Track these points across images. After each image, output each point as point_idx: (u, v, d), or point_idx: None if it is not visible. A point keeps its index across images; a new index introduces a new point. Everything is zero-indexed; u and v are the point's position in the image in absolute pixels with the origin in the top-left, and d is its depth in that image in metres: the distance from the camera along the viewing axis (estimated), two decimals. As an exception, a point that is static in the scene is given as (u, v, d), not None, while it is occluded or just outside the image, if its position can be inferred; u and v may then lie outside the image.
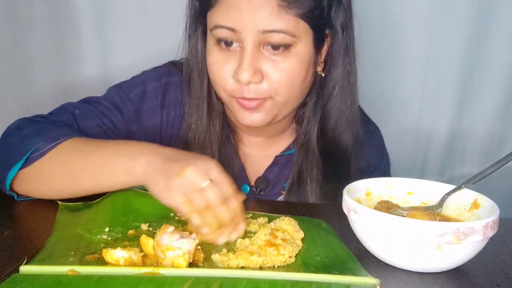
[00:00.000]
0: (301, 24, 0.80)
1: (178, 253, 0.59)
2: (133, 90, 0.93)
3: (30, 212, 0.78)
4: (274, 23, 0.77)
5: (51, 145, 0.78)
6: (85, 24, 1.34)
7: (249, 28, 0.78)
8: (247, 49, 0.79)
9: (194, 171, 0.67)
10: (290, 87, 0.83)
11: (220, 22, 0.80)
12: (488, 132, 1.44)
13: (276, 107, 0.85)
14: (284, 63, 0.81)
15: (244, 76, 0.79)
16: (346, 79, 0.89)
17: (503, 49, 1.36)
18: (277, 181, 0.98)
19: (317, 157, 0.93)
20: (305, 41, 0.82)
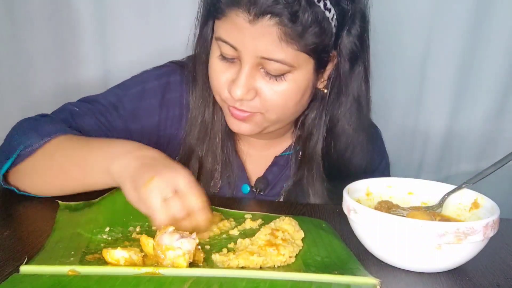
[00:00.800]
0: (301, 56, 0.79)
1: (178, 253, 0.59)
2: (132, 89, 0.93)
3: (30, 212, 0.78)
4: (274, 53, 0.77)
5: (44, 141, 0.79)
6: (86, 25, 1.34)
7: (249, 51, 0.77)
8: (244, 68, 0.79)
9: (160, 182, 0.65)
10: (282, 108, 0.83)
11: (223, 37, 0.80)
12: (484, 131, 1.45)
13: (266, 122, 0.85)
14: (279, 86, 0.80)
15: (237, 93, 0.80)
16: (356, 104, 0.88)
17: (499, 49, 1.37)
18: (277, 182, 0.98)
19: (317, 158, 0.92)
20: (304, 69, 0.81)
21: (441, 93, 1.42)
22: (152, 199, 0.65)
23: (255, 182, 0.98)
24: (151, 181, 0.65)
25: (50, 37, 1.35)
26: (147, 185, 0.65)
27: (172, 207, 0.65)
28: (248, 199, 0.96)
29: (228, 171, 0.95)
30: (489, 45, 1.37)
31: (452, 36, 1.36)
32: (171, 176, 0.67)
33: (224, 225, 0.73)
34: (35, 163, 0.79)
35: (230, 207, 0.82)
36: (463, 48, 1.37)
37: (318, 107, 0.90)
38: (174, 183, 0.66)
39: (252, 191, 0.97)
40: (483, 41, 1.36)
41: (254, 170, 0.99)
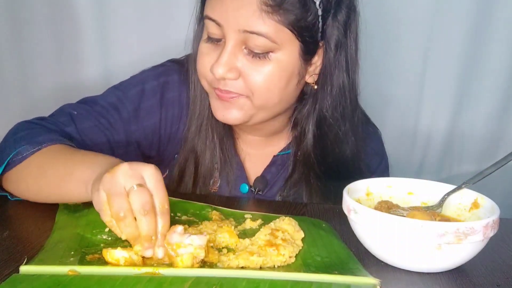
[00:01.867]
0: (285, 32, 0.78)
1: (190, 250, 0.59)
2: (132, 89, 0.93)
3: (30, 212, 0.78)
4: (255, 25, 0.77)
5: (34, 149, 0.79)
6: (86, 24, 1.34)
7: (231, 25, 0.78)
8: (227, 45, 0.79)
9: (127, 169, 0.60)
10: (267, 92, 0.82)
11: (208, 13, 0.81)
12: (485, 131, 1.44)
13: (252, 108, 0.84)
14: (263, 66, 0.80)
15: (218, 71, 0.79)
16: (347, 91, 0.87)
17: (501, 49, 1.37)
18: (275, 181, 0.98)
19: (315, 158, 0.92)
20: (288, 50, 0.80)
21: (442, 93, 1.42)
22: (113, 185, 0.59)
23: (253, 182, 0.98)
24: (117, 167, 0.60)
25: (51, 37, 1.35)
26: (111, 171, 0.60)
27: (133, 199, 0.59)
28: (248, 199, 0.96)
29: (227, 170, 0.95)
30: (491, 45, 1.36)
31: (454, 35, 1.36)
32: (139, 166, 0.61)
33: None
34: (22, 170, 0.79)
35: (230, 207, 0.82)
36: (464, 48, 1.37)
37: (309, 103, 0.90)
38: (140, 175, 0.61)
39: (250, 191, 0.97)
40: (485, 40, 1.36)
41: (252, 169, 0.99)
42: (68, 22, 1.33)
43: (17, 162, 0.79)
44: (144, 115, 0.92)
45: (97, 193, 0.61)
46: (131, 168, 0.61)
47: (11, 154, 0.79)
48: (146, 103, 0.93)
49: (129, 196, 0.59)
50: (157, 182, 0.61)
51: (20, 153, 0.79)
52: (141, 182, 0.60)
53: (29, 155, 0.79)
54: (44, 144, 0.79)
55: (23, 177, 0.79)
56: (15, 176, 0.80)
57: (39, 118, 0.88)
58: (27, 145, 0.79)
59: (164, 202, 0.61)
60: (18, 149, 0.79)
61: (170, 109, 0.94)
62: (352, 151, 0.93)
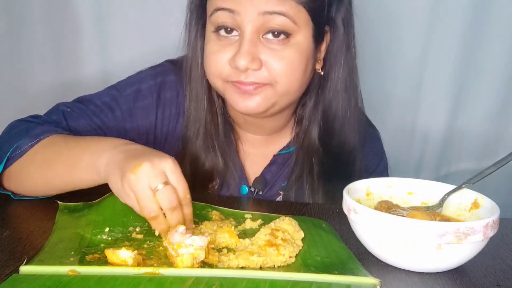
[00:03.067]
0: (302, 13, 0.80)
1: (190, 250, 0.59)
2: (128, 89, 0.93)
3: (30, 212, 0.78)
4: (276, 5, 0.77)
5: (33, 142, 0.79)
6: (84, 23, 1.34)
7: (249, 10, 0.77)
8: (246, 34, 0.79)
9: (149, 169, 0.63)
10: (290, 77, 0.82)
11: (220, 4, 0.79)
12: (484, 129, 1.45)
13: (275, 96, 0.83)
14: (284, 52, 0.80)
15: (241, 62, 0.78)
16: (348, 76, 0.89)
17: (499, 47, 1.37)
18: (275, 181, 0.98)
19: (317, 156, 0.92)
20: (304, 32, 0.81)
21: (441, 91, 1.42)
22: (139, 186, 0.62)
23: (253, 182, 0.98)
24: (139, 167, 0.63)
25: (49, 36, 1.35)
26: (134, 171, 0.63)
27: (161, 198, 0.63)
28: (248, 199, 0.96)
29: (228, 174, 0.94)
30: (490, 43, 1.36)
31: (452, 34, 1.36)
32: (159, 164, 0.64)
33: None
34: (25, 164, 0.79)
35: (230, 207, 0.82)
36: (463, 46, 1.37)
37: (314, 94, 0.91)
38: (162, 171, 0.64)
39: (250, 192, 0.97)
40: (483, 38, 1.36)
41: (252, 169, 0.99)
42: (66, 21, 1.33)
43: (17, 157, 0.79)
44: (139, 114, 0.92)
45: (123, 193, 0.65)
46: (153, 167, 0.63)
47: (10, 150, 0.79)
48: (141, 103, 0.93)
49: (156, 195, 0.63)
50: (178, 176, 0.65)
51: (19, 147, 0.79)
52: (164, 179, 0.64)
53: (29, 148, 0.79)
54: (42, 136, 0.79)
55: (26, 171, 0.79)
56: (17, 171, 0.80)
57: (32, 116, 0.88)
58: (25, 139, 0.79)
59: (186, 192, 0.66)
60: (16, 144, 0.79)
61: (167, 108, 0.94)
62: (355, 141, 0.93)
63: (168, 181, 0.64)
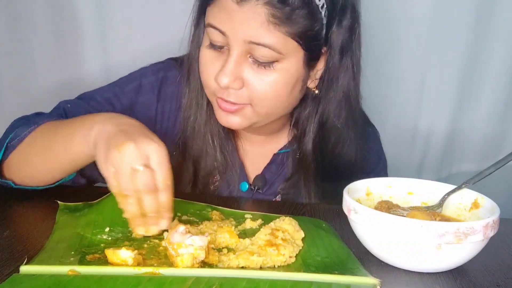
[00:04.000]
0: (290, 42, 0.78)
1: (190, 250, 0.59)
2: (129, 85, 0.93)
3: (30, 212, 0.78)
4: (262, 37, 0.76)
5: (30, 128, 0.80)
6: (86, 22, 1.34)
7: (237, 35, 0.77)
8: (232, 55, 0.79)
9: (133, 149, 0.62)
10: (270, 100, 0.82)
11: (212, 22, 0.80)
12: (486, 131, 1.44)
13: (255, 116, 0.84)
14: (267, 77, 0.80)
15: (222, 81, 0.79)
16: (345, 99, 0.88)
17: (502, 48, 1.36)
18: (274, 180, 0.98)
19: (315, 157, 0.92)
20: (293, 59, 0.80)
21: (443, 93, 1.41)
22: (120, 164, 0.62)
23: (253, 180, 0.98)
24: (125, 145, 0.62)
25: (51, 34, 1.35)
26: (119, 147, 0.62)
27: (139, 179, 0.62)
28: (248, 199, 0.96)
29: (228, 171, 0.95)
30: (492, 45, 1.36)
31: (454, 35, 1.35)
32: (145, 145, 0.64)
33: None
34: (23, 151, 0.80)
35: (230, 207, 0.82)
36: (465, 48, 1.36)
37: (310, 105, 0.90)
38: (146, 154, 0.63)
39: (250, 189, 0.97)
40: (485, 40, 1.36)
41: (252, 168, 0.99)
42: (68, 20, 1.33)
43: (15, 144, 0.80)
44: (140, 109, 0.93)
45: (105, 166, 0.64)
46: (137, 147, 0.63)
47: (7, 139, 0.80)
48: (142, 98, 0.93)
49: (136, 176, 0.62)
50: (160, 160, 0.64)
51: (17, 135, 0.80)
52: (146, 162, 0.63)
53: (27, 134, 0.79)
54: (40, 122, 0.80)
55: (25, 157, 0.80)
56: (17, 159, 0.80)
57: (36, 113, 0.89)
58: (23, 127, 0.80)
59: (166, 179, 0.64)
60: (15, 132, 0.80)
61: (168, 103, 0.94)
62: (353, 154, 0.93)
63: (149, 164, 0.63)
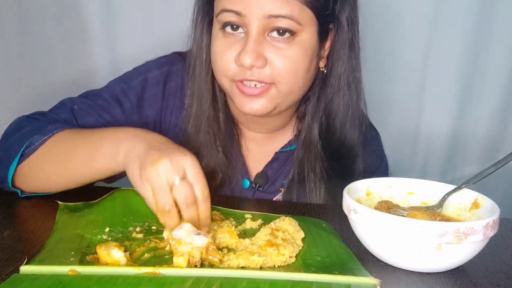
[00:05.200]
0: (307, 12, 0.80)
1: (188, 249, 0.59)
2: (135, 80, 0.93)
3: (30, 212, 0.78)
4: (280, 9, 0.78)
5: (45, 137, 0.79)
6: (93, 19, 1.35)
7: (255, 12, 0.78)
8: (251, 33, 0.79)
9: (169, 164, 0.65)
10: (293, 76, 0.83)
11: (226, 6, 0.80)
12: (489, 132, 1.43)
13: (280, 96, 0.84)
14: (288, 51, 0.81)
15: (246, 60, 0.79)
16: (351, 74, 0.89)
17: (502, 49, 1.36)
18: (276, 178, 0.98)
19: (319, 154, 0.92)
20: (309, 31, 0.82)
21: (444, 94, 1.41)
22: (158, 179, 0.64)
23: (254, 177, 0.98)
24: (160, 161, 0.64)
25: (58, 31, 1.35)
26: (155, 164, 0.64)
27: (177, 193, 0.64)
28: (248, 199, 0.96)
29: (230, 169, 0.95)
30: (493, 45, 1.36)
31: (455, 35, 1.35)
32: (179, 160, 0.66)
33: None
34: (38, 159, 0.79)
35: (230, 207, 0.82)
36: (466, 49, 1.36)
37: (316, 92, 0.91)
38: (181, 168, 0.65)
39: (251, 187, 0.97)
40: (487, 41, 1.36)
41: (254, 165, 0.99)
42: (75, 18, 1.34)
43: (29, 153, 0.79)
44: (147, 105, 0.93)
45: (141, 184, 0.66)
46: (172, 162, 0.65)
47: (23, 147, 0.79)
48: (149, 93, 0.93)
49: (173, 190, 0.65)
50: (196, 172, 0.67)
51: (32, 144, 0.79)
52: (182, 174, 0.65)
53: (41, 144, 0.79)
54: (55, 131, 0.80)
55: (40, 166, 0.79)
56: (30, 168, 0.80)
57: (39, 113, 0.88)
58: (38, 135, 0.80)
59: (204, 189, 0.67)
60: (29, 140, 0.79)
61: (172, 98, 0.94)
62: (354, 139, 0.93)
63: (186, 177, 0.65)
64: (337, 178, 0.91)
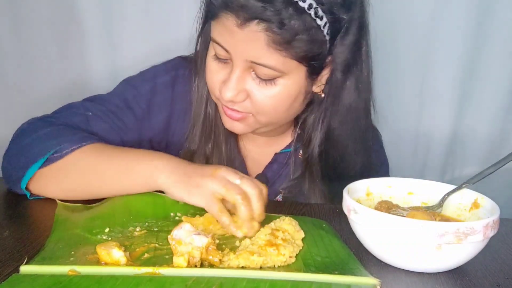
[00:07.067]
0: (292, 62, 0.78)
1: (188, 249, 0.59)
2: (145, 86, 0.94)
3: (30, 212, 0.78)
4: (262, 58, 0.76)
5: (75, 146, 0.80)
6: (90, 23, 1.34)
7: (239, 54, 0.78)
8: (235, 71, 0.80)
9: (226, 171, 0.73)
10: (272, 112, 0.83)
11: (216, 38, 0.80)
12: (489, 132, 1.43)
13: (257, 124, 0.86)
14: (270, 90, 0.80)
15: (227, 95, 0.80)
16: (350, 114, 0.88)
17: (503, 49, 1.36)
18: (276, 179, 0.98)
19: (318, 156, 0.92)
20: (295, 75, 0.80)
21: (444, 95, 1.40)
22: (224, 180, 0.72)
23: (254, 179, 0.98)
24: (217, 171, 0.73)
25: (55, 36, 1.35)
26: (214, 175, 0.72)
27: (246, 187, 0.72)
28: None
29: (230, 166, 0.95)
30: (493, 46, 1.35)
31: (455, 36, 1.35)
32: (230, 169, 0.74)
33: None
34: (63, 168, 0.79)
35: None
36: (465, 49, 1.36)
37: (317, 110, 0.90)
38: (237, 173, 0.73)
39: None
40: (486, 41, 1.35)
41: (254, 167, 0.99)
42: (71, 22, 1.33)
43: (53, 160, 0.79)
44: (157, 110, 0.93)
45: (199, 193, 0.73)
46: (227, 169, 0.74)
47: (50, 152, 0.79)
48: (158, 98, 0.94)
49: (242, 185, 0.72)
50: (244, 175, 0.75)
51: (59, 151, 0.79)
52: (239, 177, 0.73)
53: (68, 153, 0.79)
54: (84, 142, 0.81)
55: (64, 174, 0.80)
56: (53, 174, 0.80)
57: (49, 116, 0.88)
58: (65, 143, 0.80)
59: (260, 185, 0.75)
60: (56, 148, 0.79)
61: (179, 103, 0.95)
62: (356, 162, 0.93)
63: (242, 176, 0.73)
64: (336, 180, 0.90)
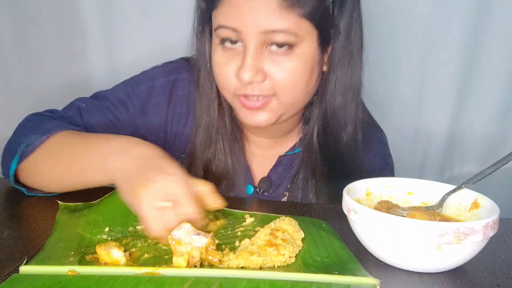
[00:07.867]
0: (304, 24, 0.79)
1: (187, 249, 0.59)
2: (141, 85, 0.94)
3: (30, 212, 0.78)
4: (276, 23, 0.77)
5: (43, 137, 0.80)
6: (91, 22, 1.35)
7: (251, 29, 0.77)
8: (249, 49, 0.79)
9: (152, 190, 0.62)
10: (294, 87, 0.82)
11: (222, 23, 0.79)
12: (487, 131, 1.43)
13: (282, 107, 0.84)
14: (288, 63, 0.80)
15: (245, 76, 0.79)
16: (346, 79, 0.88)
17: (502, 48, 1.36)
18: (281, 182, 0.98)
19: (320, 156, 0.92)
20: (309, 41, 0.80)
21: (443, 93, 1.41)
22: (143, 208, 0.62)
23: (258, 182, 0.98)
24: (141, 188, 0.62)
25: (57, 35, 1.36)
26: (138, 191, 0.62)
27: (166, 216, 0.62)
28: (249, 199, 0.96)
29: (235, 175, 0.95)
30: (492, 44, 1.36)
31: (454, 35, 1.35)
32: (163, 183, 0.63)
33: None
34: (36, 160, 0.80)
35: (230, 207, 0.82)
36: (464, 48, 1.36)
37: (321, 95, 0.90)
38: (166, 191, 0.63)
39: (256, 192, 0.97)
40: (486, 40, 1.36)
41: (259, 170, 0.99)
42: (73, 21, 1.34)
43: (28, 152, 0.80)
44: (151, 111, 0.93)
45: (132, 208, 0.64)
46: (154, 188, 0.63)
47: (22, 145, 0.80)
48: (154, 100, 0.93)
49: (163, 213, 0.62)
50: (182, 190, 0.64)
51: (30, 143, 0.80)
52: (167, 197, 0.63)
53: (39, 144, 0.79)
54: (53, 131, 0.80)
55: (37, 167, 0.80)
56: (29, 167, 0.81)
57: (49, 111, 0.90)
58: (36, 134, 0.80)
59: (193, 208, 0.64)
60: (28, 139, 0.80)
61: (178, 106, 0.94)
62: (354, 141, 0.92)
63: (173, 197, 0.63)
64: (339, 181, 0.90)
